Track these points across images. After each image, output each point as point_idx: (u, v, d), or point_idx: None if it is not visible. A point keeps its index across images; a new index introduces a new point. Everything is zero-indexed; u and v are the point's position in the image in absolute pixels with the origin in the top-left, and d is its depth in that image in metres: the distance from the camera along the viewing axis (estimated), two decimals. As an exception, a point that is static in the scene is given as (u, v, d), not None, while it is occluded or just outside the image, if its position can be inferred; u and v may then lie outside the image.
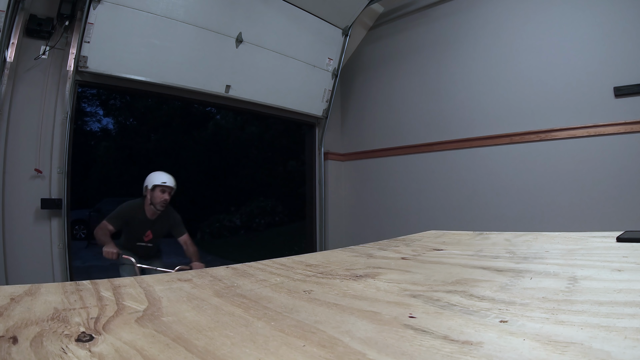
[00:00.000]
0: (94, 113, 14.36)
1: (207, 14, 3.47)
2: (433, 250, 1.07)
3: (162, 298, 0.58)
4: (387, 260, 0.91)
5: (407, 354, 0.35)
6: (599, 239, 1.09)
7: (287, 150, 13.76)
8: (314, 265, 0.87)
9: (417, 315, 0.46)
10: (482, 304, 0.51)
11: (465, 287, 0.60)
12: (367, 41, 4.97)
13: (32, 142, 2.94)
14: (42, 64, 2.98)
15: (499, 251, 0.99)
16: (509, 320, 0.43)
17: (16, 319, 0.45)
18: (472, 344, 0.37)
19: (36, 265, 2.92)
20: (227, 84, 3.77)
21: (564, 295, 0.53)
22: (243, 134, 14.39)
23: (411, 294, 0.58)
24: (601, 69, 3.15)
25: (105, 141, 14.31)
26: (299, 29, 4.13)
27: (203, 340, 0.40)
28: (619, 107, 3.08)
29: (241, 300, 0.57)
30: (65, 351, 0.36)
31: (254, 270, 0.81)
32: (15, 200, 2.85)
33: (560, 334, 0.38)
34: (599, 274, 0.65)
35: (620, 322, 0.40)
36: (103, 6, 2.91)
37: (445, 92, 4.08)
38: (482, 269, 0.76)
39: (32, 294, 0.57)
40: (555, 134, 3.37)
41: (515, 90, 3.61)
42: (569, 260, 0.81)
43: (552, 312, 0.45)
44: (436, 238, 1.37)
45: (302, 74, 4.32)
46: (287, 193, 12.93)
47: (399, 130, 4.47)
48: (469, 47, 3.96)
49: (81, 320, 0.46)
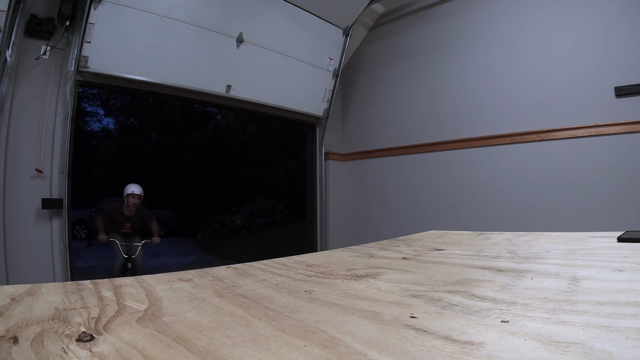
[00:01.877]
0: (94, 113, 14.34)
1: (208, 14, 3.47)
2: (434, 250, 1.07)
3: (162, 298, 0.58)
4: (388, 260, 0.91)
5: (409, 354, 0.35)
6: (600, 239, 1.09)
7: (287, 150, 13.74)
8: (315, 265, 0.87)
9: (418, 316, 0.46)
10: (484, 304, 0.51)
11: (467, 287, 0.60)
12: (368, 41, 4.97)
13: (32, 142, 2.94)
14: (43, 64, 2.98)
15: (500, 251, 0.98)
16: (510, 321, 0.43)
17: (17, 318, 0.45)
18: (473, 344, 0.37)
19: (37, 265, 2.92)
20: (228, 84, 3.77)
21: (565, 295, 0.53)
22: (244, 134, 14.38)
23: (412, 294, 0.57)
24: (602, 69, 3.15)
25: (106, 141, 14.31)
26: (299, 29, 4.13)
27: (204, 340, 0.40)
28: (620, 107, 3.07)
29: (242, 300, 0.57)
30: (66, 351, 0.36)
31: (255, 270, 0.81)
32: (16, 200, 2.85)
33: (561, 334, 0.38)
34: (600, 274, 0.65)
35: (622, 322, 0.40)
36: (104, 6, 2.91)
37: (446, 91, 4.08)
38: (483, 269, 0.76)
39: (33, 294, 0.57)
40: (556, 134, 3.36)
41: (516, 90, 3.61)
42: (570, 260, 0.81)
43: (553, 312, 0.45)
44: (437, 238, 1.37)
45: (303, 74, 4.32)
46: (288, 193, 12.92)
47: (399, 130, 4.47)
48: (470, 47, 3.96)
49: (82, 320, 0.46)
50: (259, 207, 13.10)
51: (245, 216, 13.01)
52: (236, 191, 13.53)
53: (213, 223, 12.81)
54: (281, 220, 12.96)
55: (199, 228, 12.58)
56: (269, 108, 4.29)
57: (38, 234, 2.95)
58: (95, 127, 14.90)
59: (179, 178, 13.77)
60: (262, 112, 4.43)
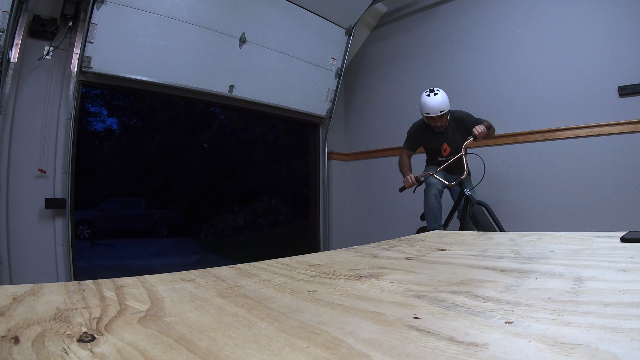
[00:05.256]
0: (97, 113, 14.39)
1: (211, 14, 3.47)
2: (437, 250, 1.06)
3: (164, 298, 0.57)
4: (391, 261, 0.91)
5: (412, 356, 0.35)
6: (604, 239, 1.08)
7: (290, 150, 13.72)
8: (318, 266, 0.87)
9: (421, 316, 0.46)
10: (487, 304, 0.50)
11: (470, 288, 0.60)
12: (371, 41, 4.96)
13: (36, 142, 2.95)
14: (46, 65, 2.99)
15: (504, 251, 0.98)
16: (514, 322, 0.43)
17: (18, 319, 0.45)
18: (477, 345, 0.36)
19: (40, 265, 2.93)
20: (231, 84, 3.77)
21: (569, 296, 0.52)
22: (246, 134, 14.39)
23: (415, 295, 0.57)
24: (605, 68, 3.14)
25: (109, 141, 14.34)
26: (302, 29, 4.13)
27: (206, 341, 0.40)
28: (623, 107, 3.06)
29: (244, 300, 0.56)
30: (67, 352, 0.36)
31: (257, 271, 0.81)
32: (19, 200, 2.85)
33: (566, 335, 0.38)
34: (605, 275, 0.64)
35: (627, 323, 0.40)
36: (106, 7, 2.92)
37: (449, 91, 4.05)
38: (487, 269, 0.76)
39: (35, 294, 0.57)
40: (559, 134, 3.35)
41: (518, 90, 3.60)
42: (574, 260, 0.81)
43: (557, 313, 0.45)
44: (440, 238, 1.36)
45: (306, 74, 4.32)
46: (291, 193, 12.91)
47: (402, 130, 4.44)
48: (472, 47, 3.95)
49: (83, 321, 0.45)
50: (261, 207, 13.11)
51: (248, 216, 13.01)
52: (239, 191, 13.52)
53: (216, 223, 12.82)
54: (284, 220, 12.96)
55: (202, 228, 12.58)
56: (271, 108, 4.29)
57: (41, 234, 2.95)
58: (99, 127, 14.88)
59: (182, 178, 13.78)
60: (265, 112, 4.43)
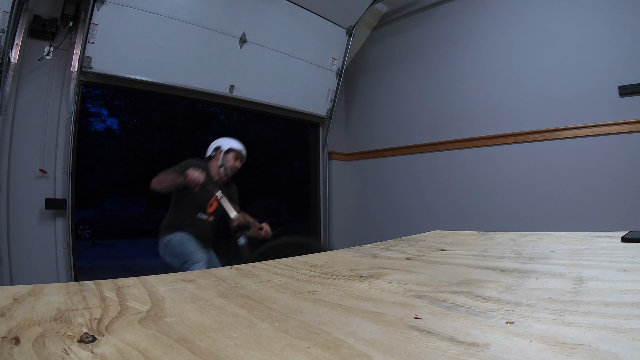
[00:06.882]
0: (98, 113, 14.35)
1: (211, 14, 3.47)
2: (438, 250, 1.06)
3: (165, 299, 0.57)
4: (392, 261, 0.91)
5: (413, 356, 0.35)
6: (604, 239, 1.08)
7: (291, 150, 13.73)
8: (318, 266, 0.87)
9: (422, 316, 0.46)
10: (488, 304, 0.50)
11: (471, 288, 0.60)
12: (371, 41, 4.96)
13: (36, 142, 2.95)
14: (46, 65, 2.99)
15: (504, 251, 0.98)
16: (515, 322, 0.43)
17: (19, 319, 0.45)
18: (478, 345, 0.36)
19: (41, 265, 2.93)
20: (231, 84, 3.77)
21: (570, 296, 0.52)
22: (247, 134, 14.39)
23: (416, 295, 0.57)
24: (606, 68, 3.14)
25: (109, 141, 14.33)
26: (302, 29, 4.12)
27: (206, 341, 0.40)
28: (624, 106, 3.06)
29: (245, 301, 0.56)
30: (67, 352, 0.36)
31: (258, 271, 0.81)
32: (19, 200, 2.86)
33: (567, 335, 0.38)
34: (605, 275, 0.64)
35: (628, 323, 0.40)
36: (107, 7, 2.92)
37: (449, 91, 4.07)
38: (488, 269, 0.76)
39: (35, 295, 0.57)
40: (560, 134, 3.35)
41: (519, 90, 3.60)
42: (574, 260, 0.81)
43: (558, 313, 0.45)
44: (441, 238, 1.36)
45: (306, 74, 4.32)
46: (291, 193, 12.91)
47: (403, 129, 4.46)
48: (473, 46, 3.95)
49: (84, 321, 0.45)
50: (262, 207, 13.11)
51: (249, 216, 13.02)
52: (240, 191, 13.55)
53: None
54: (285, 220, 12.96)
55: (203, 228, 12.57)
56: (272, 108, 4.29)
57: (42, 234, 2.95)
58: (99, 127, 14.89)
59: (182, 178, 13.76)
60: (266, 112, 4.43)
